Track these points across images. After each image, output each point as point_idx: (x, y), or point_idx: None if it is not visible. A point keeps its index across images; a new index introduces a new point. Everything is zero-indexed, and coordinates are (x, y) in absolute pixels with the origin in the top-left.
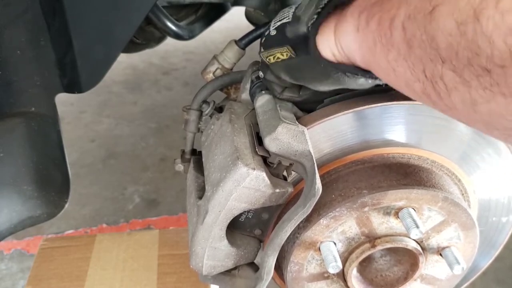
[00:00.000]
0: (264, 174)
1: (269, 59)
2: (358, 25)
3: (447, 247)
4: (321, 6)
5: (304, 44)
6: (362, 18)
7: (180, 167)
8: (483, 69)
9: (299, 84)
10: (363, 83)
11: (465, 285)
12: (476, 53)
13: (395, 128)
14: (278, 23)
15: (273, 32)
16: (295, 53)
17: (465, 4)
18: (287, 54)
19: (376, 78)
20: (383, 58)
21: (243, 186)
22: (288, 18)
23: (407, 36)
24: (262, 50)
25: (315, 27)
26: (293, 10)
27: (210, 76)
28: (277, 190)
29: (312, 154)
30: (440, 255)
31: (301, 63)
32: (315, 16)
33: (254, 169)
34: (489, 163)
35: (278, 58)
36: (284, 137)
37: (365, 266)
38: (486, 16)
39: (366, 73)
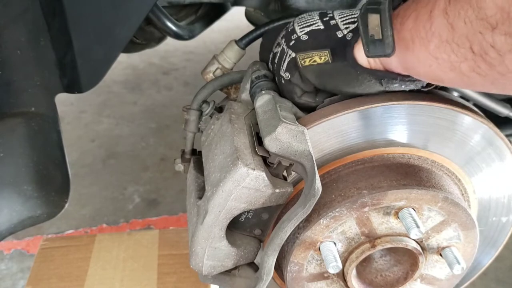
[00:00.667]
0: (264, 174)
1: (304, 61)
2: (393, 27)
3: (447, 247)
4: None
5: (342, 51)
6: (396, 22)
7: (180, 167)
8: None
9: (317, 90)
10: (396, 88)
11: (465, 285)
12: None
13: (395, 128)
14: (307, 29)
15: (304, 37)
16: (332, 58)
17: None
18: (324, 59)
19: (411, 81)
20: (423, 51)
21: (242, 186)
22: (318, 25)
23: (450, 19)
24: (291, 52)
25: (356, 36)
26: (317, 16)
27: (210, 76)
28: (277, 190)
29: (312, 154)
30: (440, 255)
31: (336, 69)
32: (354, 26)
33: (254, 169)
34: (489, 163)
35: (314, 61)
36: (284, 137)
37: (365, 266)
38: None
39: (405, 77)
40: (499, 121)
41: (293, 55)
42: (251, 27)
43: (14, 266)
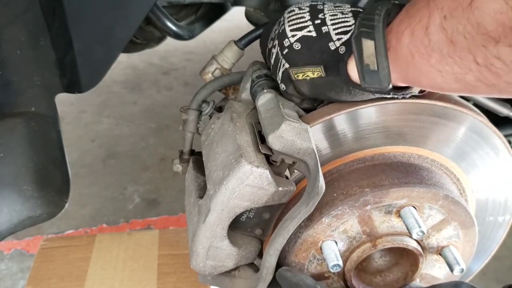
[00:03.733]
0: (267, 172)
1: (298, 76)
2: (388, 45)
3: (446, 246)
4: (353, 31)
5: (335, 65)
6: (391, 37)
7: (178, 167)
8: None
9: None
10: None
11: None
12: None
13: (396, 127)
14: (298, 34)
15: (296, 46)
16: (325, 73)
17: None
18: (317, 74)
19: (404, 94)
20: (424, 64)
21: (246, 184)
22: (310, 31)
23: (449, 35)
24: (285, 63)
25: (349, 51)
26: (308, 16)
27: (209, 76)
28: (280, 189)
29: (316, 152)
30: (440, 254)
31: (329, 83)
32: (346, 37)
33: (258, 166)
34: (487, 162)
35: (307, 76)
36: (288, 135)
37: (365, 266)
38: None
39: (397, 90)
40: (499, 121)
41: (287, 66)
42: (251, 27)
43: (14, 266)
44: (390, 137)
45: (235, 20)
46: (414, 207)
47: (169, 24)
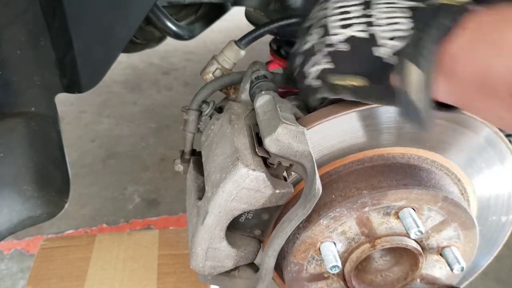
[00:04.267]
0: (264, 175)
1: (339, 81)
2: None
3: (447, 246)
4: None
5: (380, 74)
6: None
7: (179, 167)
8: None
9: None
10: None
11: (464, 284)
12: None
13: (395, 128)
14: (345, 32)
15: (342, 47)
16: (370, 83)
17: None
18: (362, 83)
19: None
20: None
21: (243, 187)
22: (358, 30)
23: None
24: (326, 62)
25: (397, 64)
26: (357, 13)
27: (209, 76)
28: (277, 191)
29: (312, 154)
30: (440, 254)
31: (373, 91)
32: (397, 45)
33: (254, 170)
34: (489, 163)
35: (350, 84)
36: (284, 138)
37: (365, 266)
38: None
39: (449, 108)
40: None
41: (328, 66)
42: (251, 27)
43: (14, 266)
44: (390, 138)
45: (235, 20)
46: (413, 209)
47: (169, 24)
